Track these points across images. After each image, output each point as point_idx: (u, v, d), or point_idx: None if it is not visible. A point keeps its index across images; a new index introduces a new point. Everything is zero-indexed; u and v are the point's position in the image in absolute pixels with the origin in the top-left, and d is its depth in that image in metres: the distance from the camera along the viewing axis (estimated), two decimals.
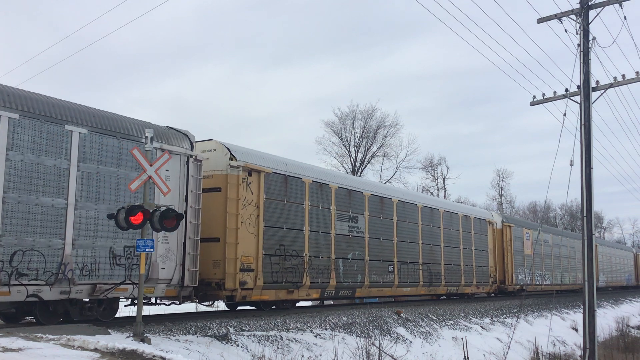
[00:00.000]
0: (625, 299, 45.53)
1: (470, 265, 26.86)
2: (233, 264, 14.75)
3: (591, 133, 16.57)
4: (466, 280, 26.40)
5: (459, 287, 26.01)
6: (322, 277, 17.69)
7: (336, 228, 18.54)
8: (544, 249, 36.41)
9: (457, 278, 25.75)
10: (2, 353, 7.89)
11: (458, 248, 26.04)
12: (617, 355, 21.80)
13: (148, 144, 11.49)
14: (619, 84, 17.13)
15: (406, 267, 21.96)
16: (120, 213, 10.92)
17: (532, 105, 18.55)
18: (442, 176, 63.62)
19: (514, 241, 31.96)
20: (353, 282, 19.08)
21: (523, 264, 32.62)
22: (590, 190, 16.41)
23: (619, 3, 16.30)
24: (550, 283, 36.52)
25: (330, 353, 13.42)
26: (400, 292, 22.05)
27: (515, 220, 35.61)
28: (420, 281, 22.85)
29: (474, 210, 31.07)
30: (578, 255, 40.45)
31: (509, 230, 31.42)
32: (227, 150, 15.26)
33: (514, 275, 31.00)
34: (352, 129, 51.37)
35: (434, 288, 24.21)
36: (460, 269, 25.99)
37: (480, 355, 18.47)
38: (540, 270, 35.15)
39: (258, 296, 15.66)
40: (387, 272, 20.82)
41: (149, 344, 10.54)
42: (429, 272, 23.53)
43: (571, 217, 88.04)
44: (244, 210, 15.17)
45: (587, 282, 16.34)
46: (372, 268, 19.97)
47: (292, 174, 17.09)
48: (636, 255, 61.03)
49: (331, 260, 18.17)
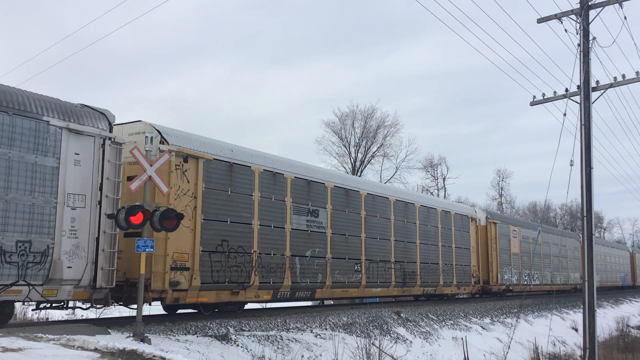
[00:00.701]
0: (625, 299, 45.54)
1: (449, 264, 25.16)
2: (162, 262, 13.09)
3: (591, 133, 16.58)
4: (445, 280, 24.73)
5: (437, 287, 24.34)
6: (275, 276, 16.02)
7: (292, 222, 16.78)
8: (533, 247, 34.85)
9: (435, 278, 24.06)
10: (2, 353, 7.88)
11: (436, 246, 24.34)
12: (617, 355, 21.81)
13: (148, 144, 11.49)
14: (619, 84, 17.15)
15: (376, 266, 20.23)
16: (120, 213, 10.92)
17: (532, 105, 18.57)
18: (442, 176, 63.75)
19: (500, 239, 30.14)
20: (312, 282, 17.32)
21: (509, 263, 30.81)
22: (590, 190, 16.42)
23: (619, 3, 16.32)
24: (540, 283, 34.89)
25: (330, 353, 13.43)
26: (369, 292, 20.39)
27: (501, 217, 33.77)
28: (392, 281, 21.07)
29: (455, 205, 29.09)
30: (570, 254, 40.07)
31: (493, 227, 29.61)
32: (157, 133, 13.45)
33: (499, 275, 29.22)
34: (352, 129, 51.44)
35: (409, 288, 22.44)
36: (438, 268, 24.25)
37: (480, 355, 18.47)
38: (529, 269, 33.48)
39: (194, 298, 14.02)
40: (353, 272, 19.07)
41: (149, 344, 10.55)
42: (403, 272, 21.77)
43: (571, 217, 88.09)
44: (177, 200, 13.50)
45: (587, 282, 16.34)
46: (335, 267, 18.25)
47: (239, 161, 15.43)
48: (632, 255, 59.37)
49: (286, 257, 16.44)
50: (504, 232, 30.60)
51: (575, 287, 39.99)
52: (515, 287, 31.36)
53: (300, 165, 18.01)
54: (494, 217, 30.63)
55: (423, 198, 25.78)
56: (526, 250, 33.36)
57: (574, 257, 40.43)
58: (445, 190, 63.44)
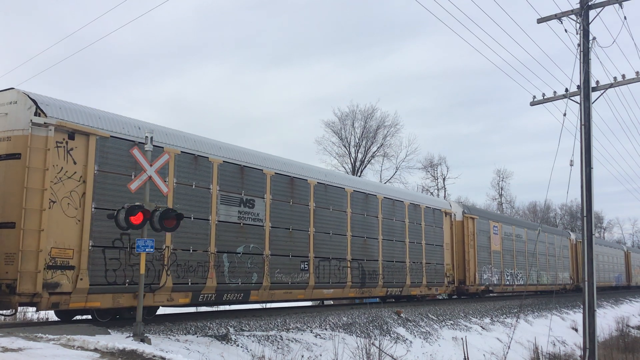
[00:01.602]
0: (625, 299, 45.52)
1: (419, 262, 23.03)
2: (33, 259, 10.83)
3: (591, 133, 16.58)
4: (413, 281, 22.56)
5: (404, 287, 22.18)
6: (195, 276, 13.78)
7: (219, 214, 14.55)
8: (517, 245, 32.35)
9: (401, 277, 21.87)
10: (2, 353, 7.88)
11: (402, 242, 22.13)
12: (617, 355, 21.80)
13: (148, 144, 11.48)
14: (619, 84, 17.15)
15: (327, 265, 18.05)
16: (120, 213, 10.91)
17: (532, 105, 18.58)
18: (442, 176, 63.77)
19: (478, 235, 27.71)
20: (245, 282, 15.15)
21: (489, 262, 28.44)
22: (590, 190, 16.42)
23: (619, 3, 16.32)
24: (524, 283, 32.66)
25: (330, 353, 13.43)
26: (319, 294, 18.21)
27: (480, 212, 31.24)
28: (348, 281, 18.99)
29: (426, 198, 26.52)
30: (558, 252, 38.09)
31: (471, 223, 27.21)
32: (32, 103, 11.28)
33: (476, 275, 26.95)
34: (352, 129, 51.42)
35: (369, 289, 20.23)
36: (405, 266, 22.04)
37: (480, 355, 18.47)
38: (512, 268, 31.17)
39: (82, 303, 11.67)
40: (299, 271, 16.89)
41: (149, 344, 10.54)
42: (361, 271, 19.63)
43: (571, 217, 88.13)
44: (58, 185, 11.33)
45: (587, 282, 16.34)
46: (275, 265, 16.06)
47: None
48: (627, 254, 56.54)
49: (210, 254, 14.20)
50: (483, 228, 28.48)
51: (565, 287, 38.85)
52: (496, 287, 29.25)
53: (232, 149, 15.63)
54: (471, 212, 28.32)
55: (387, 189, 23.34)
56: (509, 248, 31.21)
57: (562, 256, 38.99)
58: (445, 190, 63.49)
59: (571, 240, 41.34)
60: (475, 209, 32.47)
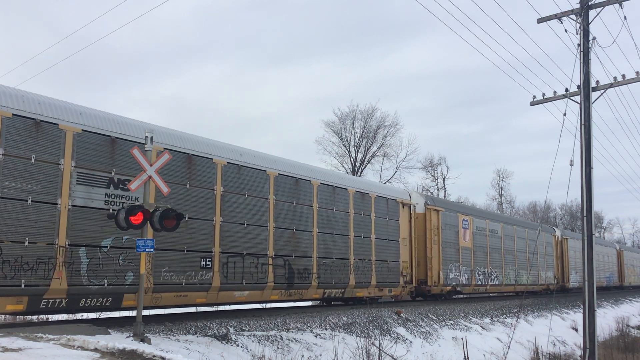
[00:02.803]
0: (625, 299, 45.51)
1: (367, 259, 20.11)
2: None
3: (591, 133, 16.58)
4: (359, 280, 19.72)
5: (347, 288, 19.25)
6: (32, 276, 11.02)
7: (75, 196, 11.82)
8: (491, 241, 29.23)
9: (343, 277, 18.96)
10: (2, 353, 7.89)
11: (346, 236, 19.27)
12: (617, 355, 21.80)
13: (148, 144, 11.48)
14: (619, 84, 17.16)
15: (240, 261, 15.15)
16: (120, 213, 10.91)
17: (532, 105, 18.58)
18: (442, 176, 63.85)
19: (444, 230, 24.87)
20: (115, 284, 12.35)
21: (458, 260, 25.64)
22: (590, 190, 16.42)
23: (619, 3, 16.32)
24: (500, 283, 29.84)
25: (330, 353, 13.44)
26: (228, 297, 15.24)
27: (447, 203, 27.92)
28: (269, 281, 15.99)
29: (379, 186, 23.32)
30: (541, 250, 35.68)
31: (435, 216, 24.41)
32: None
33: (441, 274, 24.22)
34: (352, 129, 51.49)
35: (299, 291, 17.28)
36: (348, 264, 19.15)
37: (480, 355, 18.48)
38: (484, 267, 28.16)
39: None
40: (198, 269, 14.03)
41: (149, 344, 10.55)
42: (288, 269, 16.76)
43: (571, 217, 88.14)
44: None
45: (587, 282, 16.35)
46: (162, 262, 13.23)
47: None
48: (620, 252, 52.88)
49: (57, 248, 11.42)
50: (450, 222, 25.66)
51: (548, 287, 36.44)
52: (465, 288, 26.43)
53: (97, 115, 12.66)
54: (436, 203, 25.39)
55: (325, 174, 19.64)
56: (481, 244, 28.25)
57: (546, 254, 36.21)
58: (445, 190, 63.55)
59: (556, 237, 38.59)
60: (441, 200, 29.18)
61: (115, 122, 12.98)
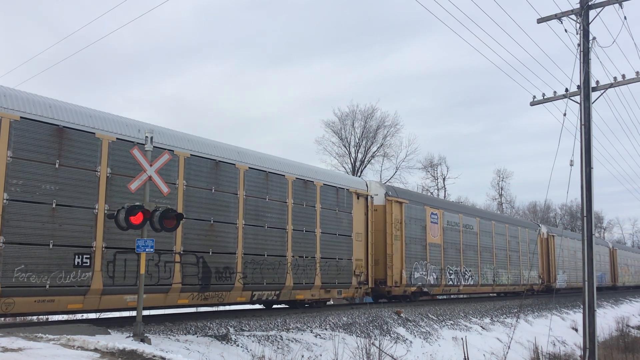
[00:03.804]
0: (625, 299, 45.50)
1: (310, 256, 17.50)
2: None
3: (591, 133, 16.59)
4: (299, 280, 17.05)
5: (282, 290, 16.51)
6: None
7: None
8: (466, 237, 26.76)
9: (278, 276, 16.28)
10: (2, 353, 7.89)
11: (282, 230, 16.58)
12: (617, 355, 21.81)
13: (148, 144, 11.48)
14: (619, 84, 17.16)
15: (133, 259, 12.54)
16: (120, 213, 10.91)
17: (532, 105, 18.59)
18: (442, 176, 63.81)
19: (409, 224, 22.51)
20: None
21: (424, 258, 23.36)
22: (590, 190, 16.43)
23: (619, 3, 16.33)
24: (475, 284, 27.34)
25: (330, 353, 13.44)
26: (116, 302, 12.56)
27: (412, 195, 24.92)
28: (175, 282, 13.50)
29: (327, 174, 19.70)
30: (524, 248, 33.25)
31: (397, 208, 21.99)
32: None
33: (404, 273, 21.75)
34: (352, 129, 51.44)
35: (217, 293, 14.67)
36: (284, 262, 16.49)
37: (480, 355, 18.49)
38: (457, 265, 25.81)
39: None
40: (70, 268, 11.63)
41: (149, 344, 10.56)
42: (203, 267, 14.14)
43: (571, 217, 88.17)
44: None
45: (587, 282, 16.35)
46: (16, 260, 10.85)
47: None
48: (612, 251, 50.00)
49: None
50: (416, 216, 23.32)
51: (532, 287, 34.26)
52: (433, 288, 24.03)
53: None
54: (399, 195, 22.75)
55: (258, 158, 16.47)
56: (453, 240, 25.89)
57: (529, 252, 33.73)
58: (445, 190, 63.54)
59: (541, 234, 36.16)
60: (405, 191, 25.85)
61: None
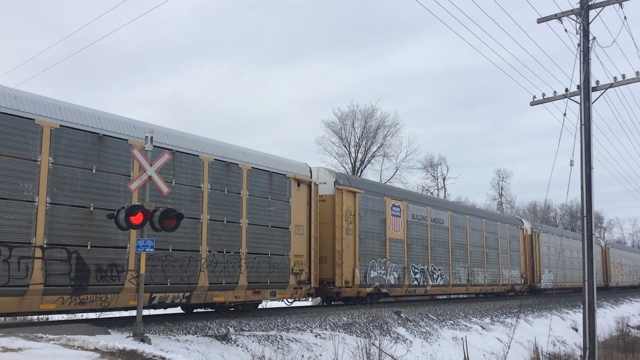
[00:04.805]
0: (625, 299, 45.49)
1: (233, 252, 15.02)
2: None
3: (591, 133, 16.59)
4: (217, 280, 14.52)
5: (194, 291, 14.02)
6: None
7: None
8: (435, 233, 24.59)
9: (188, 275, 13.73)
10: (2, 353, 7.89)
11: (195, 220, 14.13)
12: (617, 355, 21.82)
13: (148, 144, 11.48)
14: (619, 84, 17.17)
15: None
16: (120, 213, 10.91)
17: (532, 105, 18.59)
18: (442, 176, 63.86)
19: (364, 216, 20.20)
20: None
21: (384, 255, 21.03)
22: (590, 190, 16.43)
23: (619, 3, 16.33)
24: (445, 284, 24.99)
25: (330, 353, 13.44)
26: None
27: (369, 185, 22.16)
28: (34, 282, 10.95)
29: (257, 156, 16.51)
30: (504, 245, 30.72)
31: (350, 198, 19.66)
32: None
33: (357, 272, 19.43)
34: (352, 129, 51.49)
35: (100, 296, 12.12)
36: (197, 258, 14.02)
37: (480, 355, 18.48)
38: (424, 264, 23.49)
39: None
40: None
41: (149, 344, 10.56)
42: (77, 265, 11.67)
43: (571, 217, 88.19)
44: None
45: (587, 282, 16.36)
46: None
47: None
48: (605, 250, 47.93)
49: None
50: (373, 207, 20.93)
51: (513, 288, 31.87)
52: (393, 289, 21.73)
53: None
54: (352, 184, 20.24)
55: (162, 134, 13.75)
56: (420, 236, 23.62)
57: (511, 249, 31.51)
58: (445, 190, 63.55)
59: (524, 231, 33.74)
60: (360, 180, 23.05)
61: None
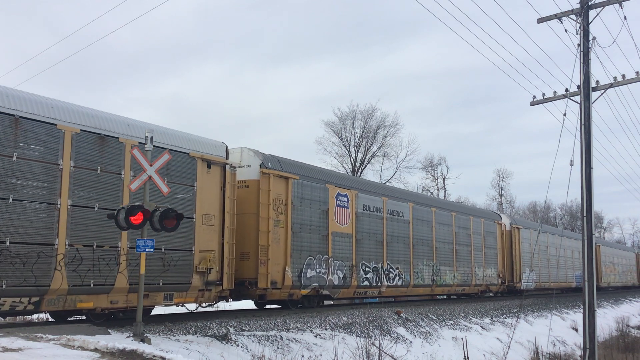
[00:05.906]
0: (625, 299, 45.47)
1: (110, 246, 12.25)
2: None
3: (591, 133, 16.59)
4: (83, 282, 11.71)
5: (45, 295, 11.17)
6: None
7: None
8: (392, 227, 21.90)
9: (34, 275, 10.91)
10: (2, 353, 7.89)
11: (50, 205, 11.28)
12: (617, 355, 21.81)
13: (148, 144, 11.47)
14: (619, 84, 17.16)
15: None
16: (120, 213, 10.91)
17: (532, 105, 18.58)
18: (442, 176, 63.80)
19: (300, 206, 17.58)
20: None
21: (325, 251, 18.34)
22: (590, 190, 16.42)
23: (619, 3, 16.33)
24: (404, 284, 22.32)
25: (330, 353, 13.43)
26: None
27: (306, 170, 18.68)
28: None
29: (151, 128, 12.26)
30: (477, 241, 27.96)
31: (281, 185, 16.97)
32: None
33: (288, 271, 16.75)
34: (352, 129, 51.44)
35: None
36: (52, 253, 11.27)
37: (480, 355, 18.48)
38: (378, 262, 20.83)
39: None
40: None
41: (149, 344, 10.56)
42: None
43: (571, 217, 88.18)
44: None
45: (587, 282, 16.35)
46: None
47: None
48: (595, 248, 43.23)
49: None
50: (312, 197, 18.18)
51: (488, 288, 29.27)
52: (337, 290, 19.03)
53: None
54: (283, 167, 17.38)
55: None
56: (373, 230, 20.85)
57: (486, 246, 28.79)
58: (445, 190, 63.53)
59: (502, 226, 30.99)
60: (295, 163, 18.57)
61: None
